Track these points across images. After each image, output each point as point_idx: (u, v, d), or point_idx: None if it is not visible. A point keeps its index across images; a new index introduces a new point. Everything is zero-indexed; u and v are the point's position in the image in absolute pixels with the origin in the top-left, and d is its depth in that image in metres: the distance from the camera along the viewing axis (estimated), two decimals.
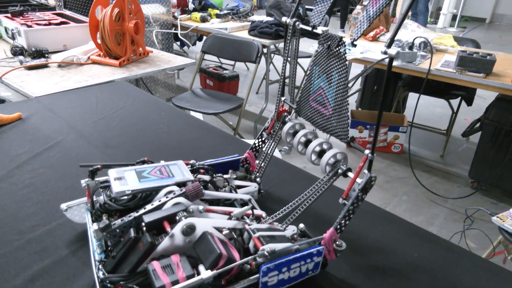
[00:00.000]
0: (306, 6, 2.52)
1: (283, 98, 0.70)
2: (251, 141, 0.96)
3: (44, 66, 1.47)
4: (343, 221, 0.54)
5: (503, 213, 1.25)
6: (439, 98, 2.55)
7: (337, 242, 0.56)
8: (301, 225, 0.59)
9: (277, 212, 0.58)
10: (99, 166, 0.61)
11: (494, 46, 5.84)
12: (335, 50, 0.54)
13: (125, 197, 0.56)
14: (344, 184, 0.63)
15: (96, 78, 1.39)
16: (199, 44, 4.43)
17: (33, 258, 0.58)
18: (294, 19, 0.61)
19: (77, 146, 0.91)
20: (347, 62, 0.53)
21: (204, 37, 4.42)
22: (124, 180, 0.58)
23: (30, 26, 1.63)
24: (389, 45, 0.45)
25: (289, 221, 0.58)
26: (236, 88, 3.20)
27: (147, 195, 0.56)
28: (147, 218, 0.51)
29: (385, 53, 0.45)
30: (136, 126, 1.03)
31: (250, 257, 0.50)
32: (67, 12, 1.98)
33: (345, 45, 0.52)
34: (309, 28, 0.59)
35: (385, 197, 2.12)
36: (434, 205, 2.05)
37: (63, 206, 0.61)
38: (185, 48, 4.55)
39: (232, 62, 3.96)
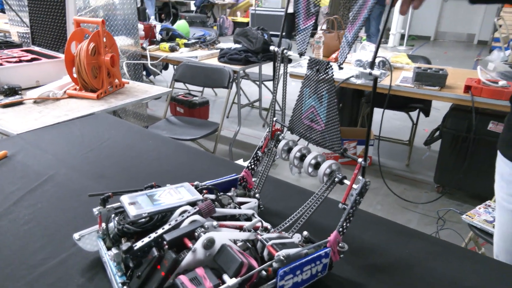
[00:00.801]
0: (271, 32, 2.67)
1: (274, 118, 0.76)
2: (241, 162, 1.02)
3: (19, 103, 1.46)
4: (344, 224, 0.60)
5: (471, 211, 1.37)
6: (399, 111, 2.74)
7: (340, 244, 0.62)
8: (305, 233, 0.64)
9: (284, 222, 0.63)
10: (110, 193, 0.64)
11: (441, 61, 6.33)
12: (323, 73, 0.61)
13: (143, 220, 0.59)
14: (333, 195, 0.70)
15: (75, 112, 1.40)
16: (165, 73, 4.47)
17: None
18: (282, 48, 0.69)
19: (70, 179, 0.92)
20: (334, 83, 0.60)
21: (170, 66, 4.48)
22: (139, 204, 0.61)
23: (1, 64, 1.62)
24: (371, 67, 0.53)
25: (295, 229, 0.63)
26: (207, 113, 3.26)
27: (163, 216, 0.60)
28: (168, 237, 0.54)
29: (370, 74, 0.53)
30: (126, 155, 1.05)
31: (268, 263, 0.54)
32: (36, 48, 1.98)
33: (332, 68, 0.60)
34: (297, 55, 0.66)
35: (361, 207, 2.22)
36: (406, 211, 2.17)
37: (76, 235, 0.63)
38: (151, 77, 4.57)
39: (200, 89, 4.03)
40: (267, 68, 3.26)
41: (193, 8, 9.92)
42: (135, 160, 1.03)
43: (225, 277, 0.51)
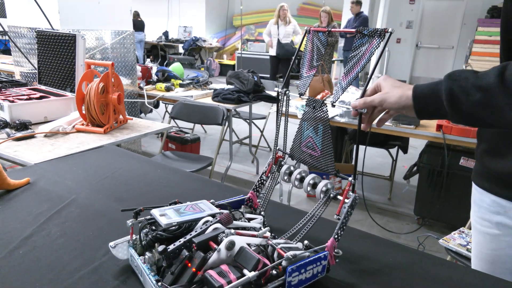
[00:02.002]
0: (260, 75, 2.89)
1: (277, 147, 0.90)
2: (242, 190, 1.14)
3: (32, 136, 1.57)
4: (339, 231, 0.73)
5: (447, 236, 1.51)
6: (380, 148, 2.94)
7: (336, 250, 0.74)
8: (306, 242, 0.77)
9: (290, 230, 0.76)
10: (141, 208, 0.75)
11: None
12: (319, 109, 0.77)
13: (173, 228, 0.70)
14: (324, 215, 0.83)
15: (86, 145, 1.51)
16: (155, 111, 4.63)
17: None
18: (285, 89, 0.85)
19: (92, 202, 1.02)
20: (329, 117, 0.75)
21: (161, 104, 4.64)
22: (168, 216, 0.73)
23: (13, 101, 1.73)
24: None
25: (299, 237, 0.75)
26: (198, 149, 3.39)
27: (189, 225, 0.71)
28: (197, 240, 0.66)
29: (356, 110, 0.68)
30: (139, 183, 1.17)
31: (278, 261, 0.66)
32: (42, 87, 2.11)
33: (326, 106, 0.76)
34: (297, 95, 0.82)
35: None
36: None
37: (112, 243, 0.73)
38: (142, 115, 4.71)
39: (190, 126, 4.18)
40: (256, 108, 3.46)
41: (181, 50, 10.33)
42: (148, 187, 1.14)
43: (245, 271, 0.63)
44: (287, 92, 0.85)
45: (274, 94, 2.87)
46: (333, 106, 0.74)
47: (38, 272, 0.73)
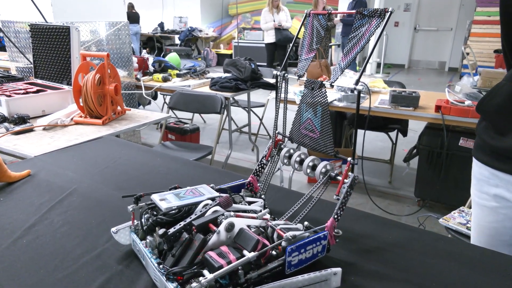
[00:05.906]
0: (258, 63, 2.88)
1: (277, 131, 0.90)
2: (243, 176, 1.14)
3: (30, 130, 1.57)
4: (339, 211, 0.74)
5: (447, 216, 1.52)
6: (379, 132, 2.94)
7: (335, 230, 0.75)
8: (306, 223, 0.77)
9: (289, 210, 0.76)
10: (141, 193, 0.76)
11: (415, 87, 6.70)
12: (317, 91, 0.77)
13: (172, 212, 0.71)
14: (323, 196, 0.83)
15: (85, 136, 1.51)
16: (153, 102, 4.62)
17: (95, 273, 0.69)
18: (283, 72, 0.84)
19: (93, 191, 1.03)
20: (328, 99, 0.75)
21: (159, 95, 4.63)
22: (168, 200, 0.73)
23: (10, 96, 1.73)
24: (356, 83, 0.68)
25: (299, 218, 0.76)
26: (197, 139, 3.39)
27: (189, 209, 0.72)
28: (196, 222, 0.67)
29: (354, 89, 0.68)
30: (139, 171, 1.17)
31: (278, 241, 0.67)
32: (39, 81, 2.10)
33: (325, 87, 0.76)
34: (296, 77, 0.82)
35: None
36: None
37: (113, 229, 0.74)
38: (140, 107, 4.70)
39: (189, 117, 4.18)
40: (254, 96, 3.45)
41: (177, 41, 10.25)
42: (148, 175, 1.14)
43: (245, 252, 0.64)
44: (285, 75, 0.85)
45: (272, 81, 2.86)
46: (332, 86, 0.74)
47: (42, 260, 0.74)
